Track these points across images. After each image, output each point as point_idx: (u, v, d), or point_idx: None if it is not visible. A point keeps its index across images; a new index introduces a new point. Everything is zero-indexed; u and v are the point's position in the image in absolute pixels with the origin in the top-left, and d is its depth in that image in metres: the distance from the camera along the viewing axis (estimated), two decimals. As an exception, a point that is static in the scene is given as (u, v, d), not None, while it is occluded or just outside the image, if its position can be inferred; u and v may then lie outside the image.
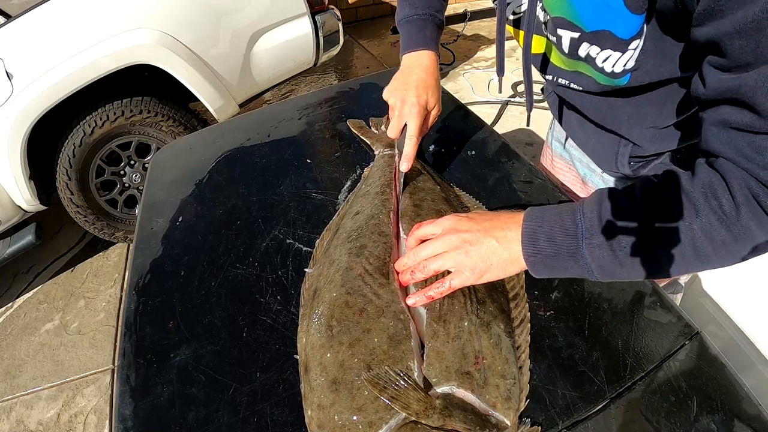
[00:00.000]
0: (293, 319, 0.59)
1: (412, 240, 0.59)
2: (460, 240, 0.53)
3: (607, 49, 0.54)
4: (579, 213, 0.49)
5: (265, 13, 1.98)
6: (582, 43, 0.56)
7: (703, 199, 0.43)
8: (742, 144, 0.40)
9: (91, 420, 1.61)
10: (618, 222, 0.46)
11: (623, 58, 0.53)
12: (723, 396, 0.49)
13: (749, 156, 0.40)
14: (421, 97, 0.72)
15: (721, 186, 0.42)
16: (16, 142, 1.68)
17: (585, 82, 0.63)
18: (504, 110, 2.87)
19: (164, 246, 0.75)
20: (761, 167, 0.40)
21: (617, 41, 0.52)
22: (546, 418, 0.48)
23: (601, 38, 0.53)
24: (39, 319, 2.00)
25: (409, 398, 0.45)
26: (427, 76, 0.74)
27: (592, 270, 0.48)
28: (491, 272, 0.53)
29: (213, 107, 1.99)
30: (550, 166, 0.97)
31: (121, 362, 0.58)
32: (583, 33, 0.54)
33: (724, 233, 0.42)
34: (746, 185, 0.41)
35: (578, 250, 0.48)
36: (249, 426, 0.50)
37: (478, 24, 3.92)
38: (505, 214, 0.55)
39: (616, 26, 0.51)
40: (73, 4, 1.66)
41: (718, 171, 0.43)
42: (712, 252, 0.43)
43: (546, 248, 0.50)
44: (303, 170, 0.86)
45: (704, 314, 1.01)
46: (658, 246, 0.45)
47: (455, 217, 0.57)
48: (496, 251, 0.52)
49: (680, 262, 0.45)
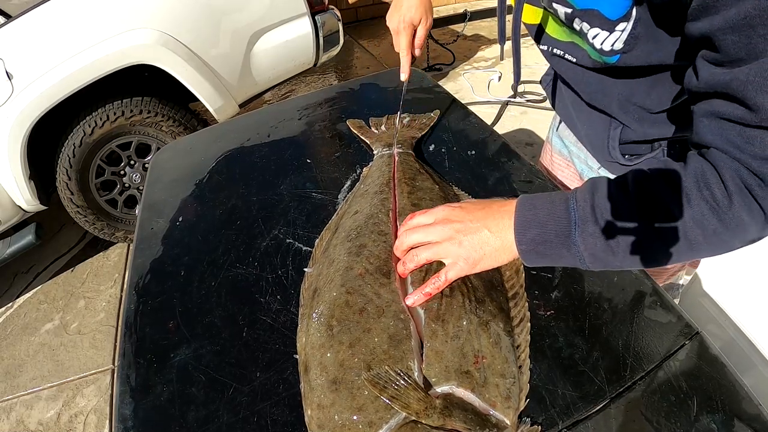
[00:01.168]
0: (293, 318, 0.59)
1: (404, 230, 0.60)
2: (453, 230, 0.54)
3: (596, 27, 0.55)
4: (572, 201, 0.49)
5: (265, 13, 1.98)
6: (575, 18, 0.57)
7: (695, 188, 0.43)
8: (733, 134, 0.41)
9: (91, 420, 1.61)
10: (611, 211, 0.46)
11: (611, 38, 0.54)
12: (723, 396, 0.48)
13: (741, 146, 0.40)
14: (405, 16, 0.82)
15: (713, 175, 0.42)
16: (16, 142, 1.68)
17: (579, 54, 0.64)
18: (504, 110, 2.87)
19: (164, 246, 0.75)
20: (752, 157, 0.40)
21: (605, 20, 0.53)
22: (546, 418, 0.48)
23: (590, 16, 0.54)
24: (39, 319, 2.00)
25: (409, 398, 0.45)
26: None
27: (584, 258, 0.49)
28: (484, 261, 0.53)
29: (213, 107, 1.99)
30: (549, 162, 0.98)
31: (121, 362, 0.58)
32: (574, 9, 0.56)
33: (716, 222, 0.42)
34: (738, 175, 0.41)
35: (571, 238, 0.48)
36: (249, 426, 0.50)
37: (478, 24, 3.92)
38: (497, 202, 0.56)
39: (603, 6, 0.52)
40: (73, 4, 1.66)
41: (710, 161, 0.43)
42: (703, 240, 0.44)
43: (538, 236, 0.50)
44: (303, 170, 0.86)
45: (704, 314, 1.01)
46: (650, 235, 0.45)
47: (447, 207, 0.57)
48: (489, 240, 0.53)
49: (672, 251, 0.45)
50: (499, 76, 3.20)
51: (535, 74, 3.15)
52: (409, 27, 0.82)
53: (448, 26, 3.47)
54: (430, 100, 1.02)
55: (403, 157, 0.79)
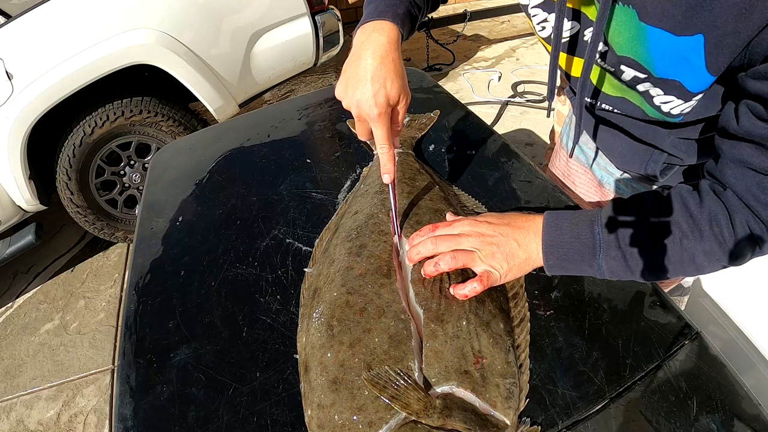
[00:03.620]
0: (293, 318, 0.59)
1: (428, 237, 0.59)
2: (485, 243, 0.56)
3: (671, 95, 0.55)
4: (597, 225, 0.54)
5: (265, 13, 1.98)
6: (645, 82, 0.56)
7: (708, 226, 0.49)
8: (752, 183, 0.47)
9: (91, 420, 1.61)
10: (631, 238, 0.52)
11: (684, 105, 0.55)
12: (723, 396, 0.49)
13: (756, 195, 0.46)
14: (378, 94, 0.57)
15: (725, 218, 0.48)
16: (16, 142, 1.68)
17: (630, 109, 0.63)
18: (504, 110, 2.87)
19: (164, 246, 0.75)
20: (763, 206, 0.46)
21: (685, 92, 0.53)
22: (546, 418, 0.48)
23: (668, 86, 0.54)
24: (39, 319, 2.00)
25: (409, 398, 0.45)
26: (381, 62, 0.58)
27: (604, 273, 0.54)
28: (512, 272, 0.57)
29: (213, 107, 1.99)
30: (565, 167, 0.94)
31: (121, 362, 0.58)
32: (650, 76, 0.54)
33: (722, 255, 0.49)
34: (746, 220, 0.48)
35: (596, 260, 0.54)
36: (249, 426, 0.50)
37: (478, 24, 3.92)
38: (520, 217, 0.59)
39: (688, 80, 0.51)
40: (73, 4, 1.66)
41: (724, 203, 0.49)
42: (708, 267, 0.51)
43: (564, 254, 0.55)
44: (303, 170, 0.86)
45: (704, 314, 1.01)
46: (665, 260, 0.52)
47: (473, 221, 0.59)
48: (517, 253, 0.56)
49: (680, 272, 0.52)
50: (499, 76, 3.20)
51: (535, 74, 3.16)
52: (385, 114, 0.57)
53: (448, 26, 3.47)
54: (430, 100, 1.02)
55: (403, 157, 0.79)
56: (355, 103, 0.58)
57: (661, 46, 0.50)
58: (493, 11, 3.54)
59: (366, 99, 0.57)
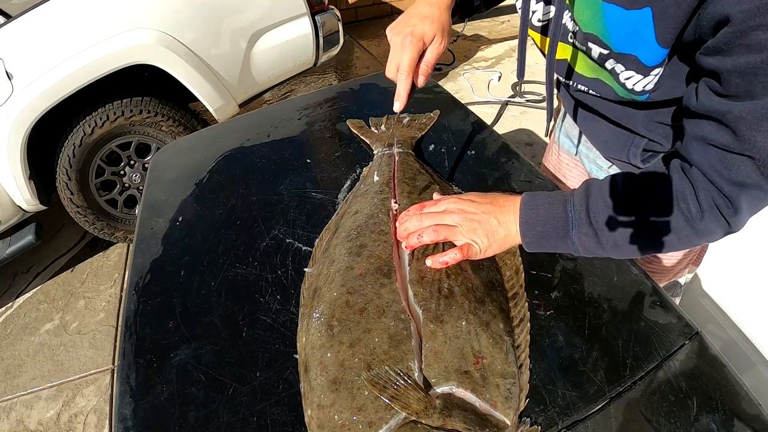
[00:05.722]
0: (293, 318, 0.59)
1: (413, 213, 0.63)
2: (467, 219, 0.60)
3: (631, 71, 0.57)
4: (570, 204, 0.57)
5: (265, 13, 1.98)
6: (609, 59, 0.58)
7: (675, 202, 0.51)
8: (714, 159, 0.48)
9: (91, 420, 1.61)
10: (602, 215, 0.54)
11: (644, 81, 0.57)
12: (723, 396, 0.49)
13: (719, 170, 0.48)
14: (417, 27, 0.62)
15: (690, 194, 0.50)
16: (16, 142, 1.68)
17: (604, 90, 0.65)
18: (504, 110, 2.87)
19: (164, 246, 0.75)
20: (726, 181, 0.48)
21: (641, 66, 0.55)
22: (546, 418, 0.48)
23: (627, 60, 0.56)
24: (39, 319, 2.00)
25: (409, 398, 0.45)
26: (432, 8, 0.65)
27: (578, 249, 0.57)
28: (492, 248, 0.60)
29: (213, 107, 1.99)
30: (556, 161, 0.97)
31: (121, 362, 0.58)
32: (611, 51, 0.57)
33: (689, 230, 0.51)
34: (711, 196, 0.49)
35: (569, 236, 0.57)
36: (249, 426, 0.50)
37: (478, 24, 3.92)
38: (501, 196, 0.63)
39: (642, 53, 0.54)
40: (72, 4, 1.66)
41: (690, 179, 0.51)
42: (677, 243, 0.53)
43: (541, 232, 0.58)
44: (303, 170, 0.86)
45: (704, 314, 1.01)
46: (634, 237, 0.54)
47: (457, 199, 0.62)
48: (497, 230, 0.59)
49: (651, 249, 0.55)
50: (498, 76, 3.20)
51: (535, 74, 3.16)
52: (417, 42, 0.62)
53: (448, 26, 3.48)
54: (430, 100, 1.02)
55: (403, 157, 0.79)
56: (396, 31, 0.65)
57: (615, 20, 0.53)
58: (493, 11, 3.54)
59: (405, 26, 0.64)
